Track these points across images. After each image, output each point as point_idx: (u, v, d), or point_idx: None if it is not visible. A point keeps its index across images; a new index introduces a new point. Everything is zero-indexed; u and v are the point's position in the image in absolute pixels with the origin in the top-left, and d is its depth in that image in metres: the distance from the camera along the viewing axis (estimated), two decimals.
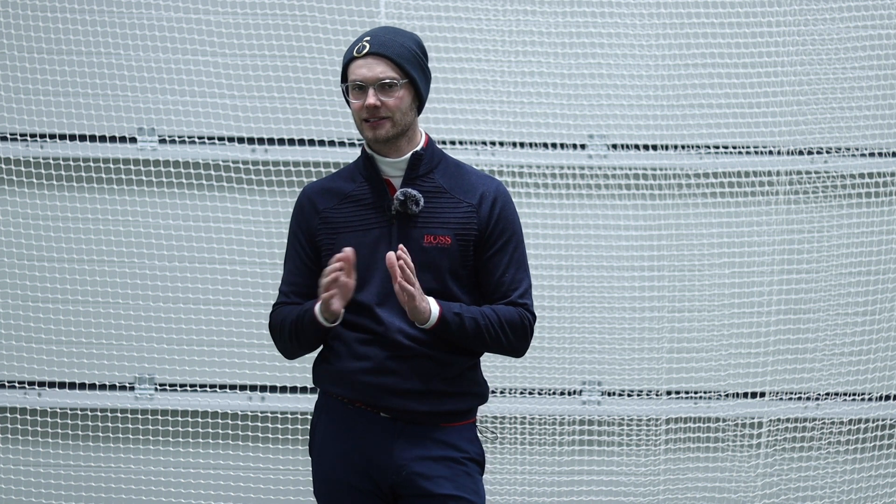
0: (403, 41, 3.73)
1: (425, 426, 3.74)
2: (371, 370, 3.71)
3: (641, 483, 6.05)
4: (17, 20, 5.94)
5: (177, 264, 6.03)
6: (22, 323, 6.01)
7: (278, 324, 3.81)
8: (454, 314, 3.69)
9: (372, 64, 3.68)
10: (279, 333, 3.81)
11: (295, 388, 6.04)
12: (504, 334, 3.74)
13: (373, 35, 3.73)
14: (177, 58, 5.99)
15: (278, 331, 3.81)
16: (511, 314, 3.76)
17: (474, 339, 3.72)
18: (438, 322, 3.67)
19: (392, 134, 3.72)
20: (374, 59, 3.68)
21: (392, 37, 3.72)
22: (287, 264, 3.84)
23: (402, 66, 3.69)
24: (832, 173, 6.00)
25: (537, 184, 6.03)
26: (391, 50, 3.69)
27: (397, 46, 3.70)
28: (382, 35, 3.73)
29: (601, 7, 5.96)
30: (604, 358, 6.04)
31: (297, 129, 6.00)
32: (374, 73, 3.68)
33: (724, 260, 6.01)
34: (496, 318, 3.74)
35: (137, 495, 6.06)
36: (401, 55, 3.70)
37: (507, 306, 3.77)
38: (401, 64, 3.69)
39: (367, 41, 3.71)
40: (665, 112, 5.99)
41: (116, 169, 6.02)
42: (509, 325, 3.75)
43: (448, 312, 3.68)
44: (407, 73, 3.70)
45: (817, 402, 6.03)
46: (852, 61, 5.93)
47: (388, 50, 3.69)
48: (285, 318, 3.78)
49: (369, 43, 3.70)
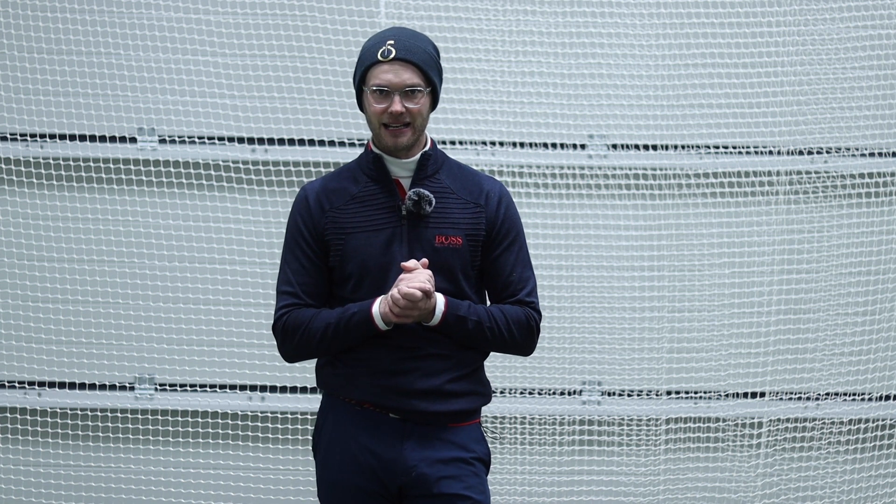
0: (425, 46, 3.70)
1: (434, 427, 3.74)
2: (381, 371, 3.70)
3: (641, 483, 6.05)
4: (17, 20, 5.94)
5: (177, 264, 6.03)
6: (22, 323, 6.00)
7: (300, 326, 3.72)
8: (457, 317, 3.69)
9: (399, 70, 3.64)
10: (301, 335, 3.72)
11: (295, 388, 6.04)
12: (510, 333, 3.75)
13: (396, 39, 3.68)
14: (177, 58, 5.99)
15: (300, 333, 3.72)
16: (517, 314, 3.76)
17: (478, 339, 3.72)
18: (441, 322, 3.67)
19: (412, 141, 3.71)
20: (402, 66, 3.65)
21: (415, 42, 3.69)
22: (290, 264, 3.78)
23: (427, 73, 3.67)
24: (832, 173, 6.00)
25: (537, 184, 6.03)
26: (417, 56, 3.66)
27: (421, 52, 3.67)
28: (406, 39, 3.68)
29: (601, 7, 5.96)
30: (604, 358, 6.04)
31: (297, 129, 6.00)
32: (402, 80, 3.65)
33: (724, 260, 6.01)
34: (503, 318, 3.74)
35: (137, 495, 6.06)
36: (425, 62, 3.67)
37: (513, 306, 3.78)
38: (426, 71, 3.67)
39: (392, 45, 3.66)
40: (665, 112, 5.99)
41: (116, 169, 6.01)
42: (516, 325, 3.75)
43: (451, 314, 3.68)
44: (430, 80, 3.69)
45: (817, 402, 6.04)
46: (852, 61, 5.93)
47: (415, 56, 3.65)
48: (312, 320, 3.70)
49: (394, 47, 3.65)
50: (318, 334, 3.70)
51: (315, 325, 3.70)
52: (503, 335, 3.74)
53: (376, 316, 3.64)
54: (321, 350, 3.74)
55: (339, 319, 3.68)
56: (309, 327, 3.71)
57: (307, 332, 3.71)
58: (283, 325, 3.75)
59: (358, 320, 3.66)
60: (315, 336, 3.70)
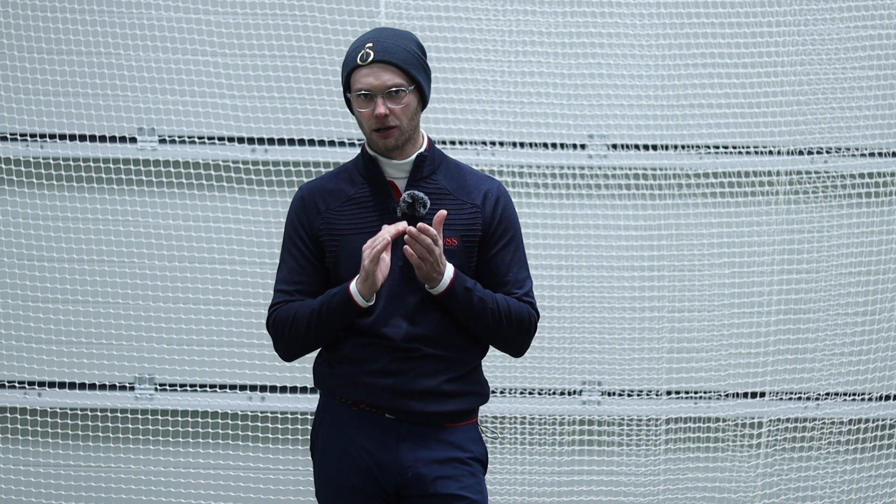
0: (406, 45, 3.67)
1: (430, 427, 3.74)
2: (376, 372, 3.70)
3: (641, 483, 6.05)
4: (17, 20, 5.94)
5: (177, 264, 6.03)
6: (22, 323, 6.01)
7: (288, 318, 3.71)
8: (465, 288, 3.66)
9: (378, 72, 3.62)
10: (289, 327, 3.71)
11: (295, 388, 6.04)
12: (510, 323, 3.72)
13: (374, 41, 3.66)
14: (177, 58, 5.99)
15: (288, 325, 3.71)
16: (520, 308, 3.75)
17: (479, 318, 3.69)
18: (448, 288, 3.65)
19: (401, 141, 3.69)
20: (380, 67, 3.62)
21: (394, 41, 3.66)
22: (287, 262, 3.78)
23: (408, 72, 3.64)
24: (832, 173, 6.00)
25: (537, 184, 6.03)
26: (396, 56, 3.63)
27: (401, 51, 3.65)
28: (384, 40, 3.66)
29: (601, 7, 5.96)
30: (604, 358, 6.04)
31: (297, 129, 6.00)
32: (382, 82, 3.63)
33: (724, 260, 6.01)
34: (505, 306, 3.72)
35: (137, 495, 6.06)
36: (406, 60, 3.65)
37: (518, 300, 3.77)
38: (407, 70, 3.64)
39: (370, 48, 3.64)
40: (665, 112, 5.98)
41: (116, 169, 6.01)
42: (517, 317, 3.74)
43: (460, 284, 3.65)
44: (413, 78, 3.66)
45: (817, 402, 6.03)
46: (852, 61, 5.93)
47: (394, 56, 3.63)
48: (298, 311, 3.70)
49: (373, 50, 3.63)
50: (304, 322, 3.69)
51: (300, 315, 3.70)
52: (503, 322, 3.72)
53: (354, 293, 3.63)
54: (310, 339, 3.73)
55: (321, 304, 3.67)
56: (296, 318, 3.70)
57: (294, 324, 3.71)
58: (273, 321, 3.76)
59: (338, 301, 3.65)
60: (301, 325, 3.69)
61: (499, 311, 3.70)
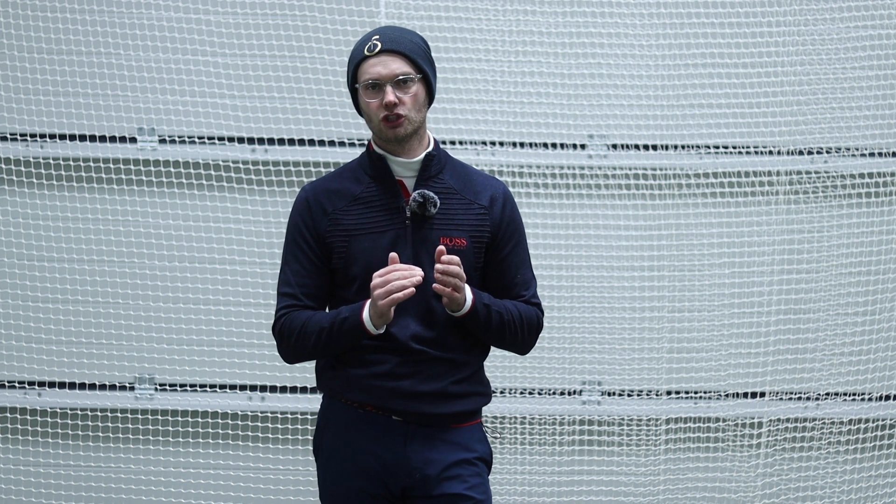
0: (412, 37, 3.71)
1: (436, 428, 3.74)
2: (384, 374, 3.70)
3: (641, 483, 6.05)
4: (17, 20, 5.94)
5: (177, 264, 6.03)
6: (22, 323, 6.00)
7: (296, 328, 3.70)
8: (485, 305, 3.69)
9: (387, 61, 3.65)
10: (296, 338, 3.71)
11: (295, 388, 6.04)
12: (522, 330, 3.77)
13: (381, 33, 3.70)
14: (177, 58, 5.99)
15: (295, 336, 3.71)
16: (530, 312, 3.78)
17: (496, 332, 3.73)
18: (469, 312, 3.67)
19: (410, 131, 3.70)
20: (389, 56, 3.66)
21: (400, 33, 3.71)
22: (291, 265, 3.76)
23: (415, 61, 3.67)
24: (832, 173, 6.00)
25: (537, 184, 6.03)
26: (403, 46, 3.67)
27: (407, 42, 3.68)
28: (391, 32, 3.70)
29: (601, 7, 5.97)
30: (604, 358, 6.04)
31: (297, 129, 6.00)
32: (390, 70, 3.65)
33: (724, 260, 6.01)
34: (518, 314, 3.75)
35: (137, 495, 6.06)
36: (413, 51, 3.68)
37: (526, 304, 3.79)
38: (414, 59, 3.67)
39: (378, 39, 3.67)
40: (665, 112, 5.99)
41: (116, 169, 6.01)
42: (528, 323, 3.77)
43: (480, 303, 3.67)
44: (420, 68, 3.69)
45: (817, 402, 6.04)
46: (852, 61, 5.93)
47: (401, 46, 3.67)
48: (307, 324, 3.69)
49: (380, 41, 3.66)
50: (312, 338, 3.69)
51: (309, 330, 3.69)
52: (518, 333, 3.76)
53: (367, 323, 3.63)
54: (317, 353, 3.74)
55: (332, 324, 3.66)
56: (303, 331, 3.69)
57: (302, 337, 3.70)
58: (280, 327, 3.75)
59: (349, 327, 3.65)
60: (309, 340, 3.69)
61: (514, 323, 3.74)
